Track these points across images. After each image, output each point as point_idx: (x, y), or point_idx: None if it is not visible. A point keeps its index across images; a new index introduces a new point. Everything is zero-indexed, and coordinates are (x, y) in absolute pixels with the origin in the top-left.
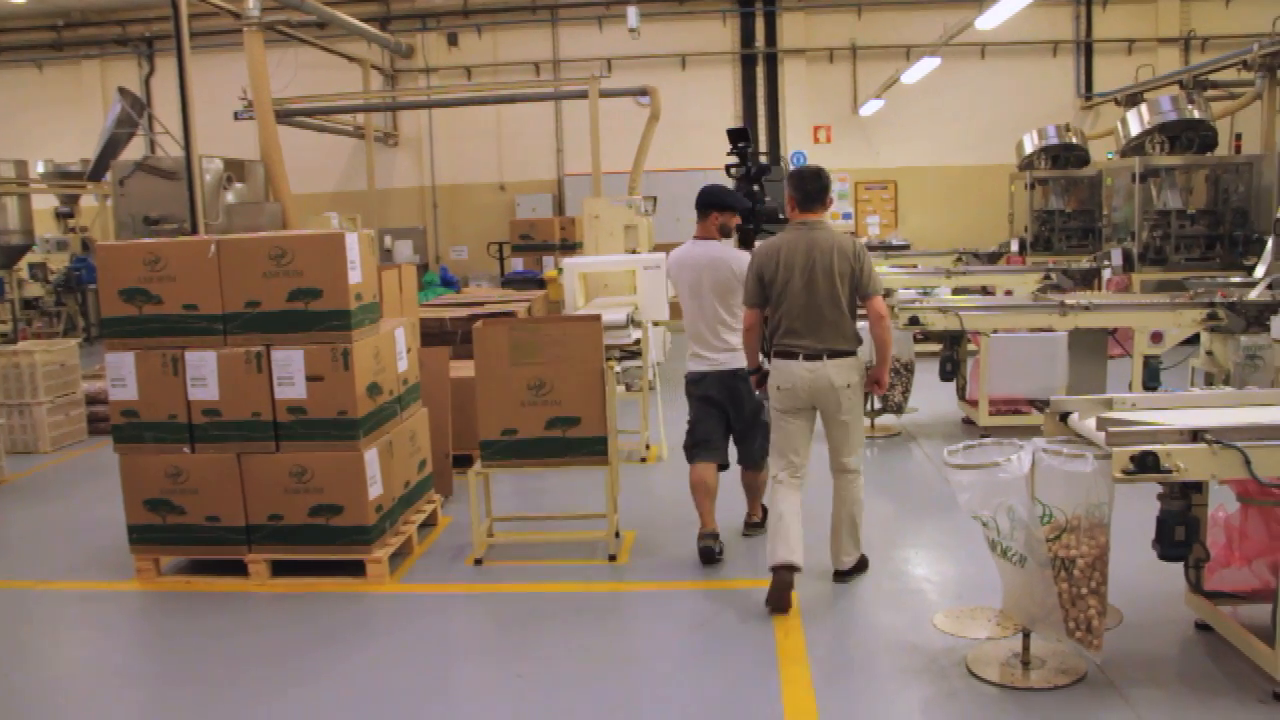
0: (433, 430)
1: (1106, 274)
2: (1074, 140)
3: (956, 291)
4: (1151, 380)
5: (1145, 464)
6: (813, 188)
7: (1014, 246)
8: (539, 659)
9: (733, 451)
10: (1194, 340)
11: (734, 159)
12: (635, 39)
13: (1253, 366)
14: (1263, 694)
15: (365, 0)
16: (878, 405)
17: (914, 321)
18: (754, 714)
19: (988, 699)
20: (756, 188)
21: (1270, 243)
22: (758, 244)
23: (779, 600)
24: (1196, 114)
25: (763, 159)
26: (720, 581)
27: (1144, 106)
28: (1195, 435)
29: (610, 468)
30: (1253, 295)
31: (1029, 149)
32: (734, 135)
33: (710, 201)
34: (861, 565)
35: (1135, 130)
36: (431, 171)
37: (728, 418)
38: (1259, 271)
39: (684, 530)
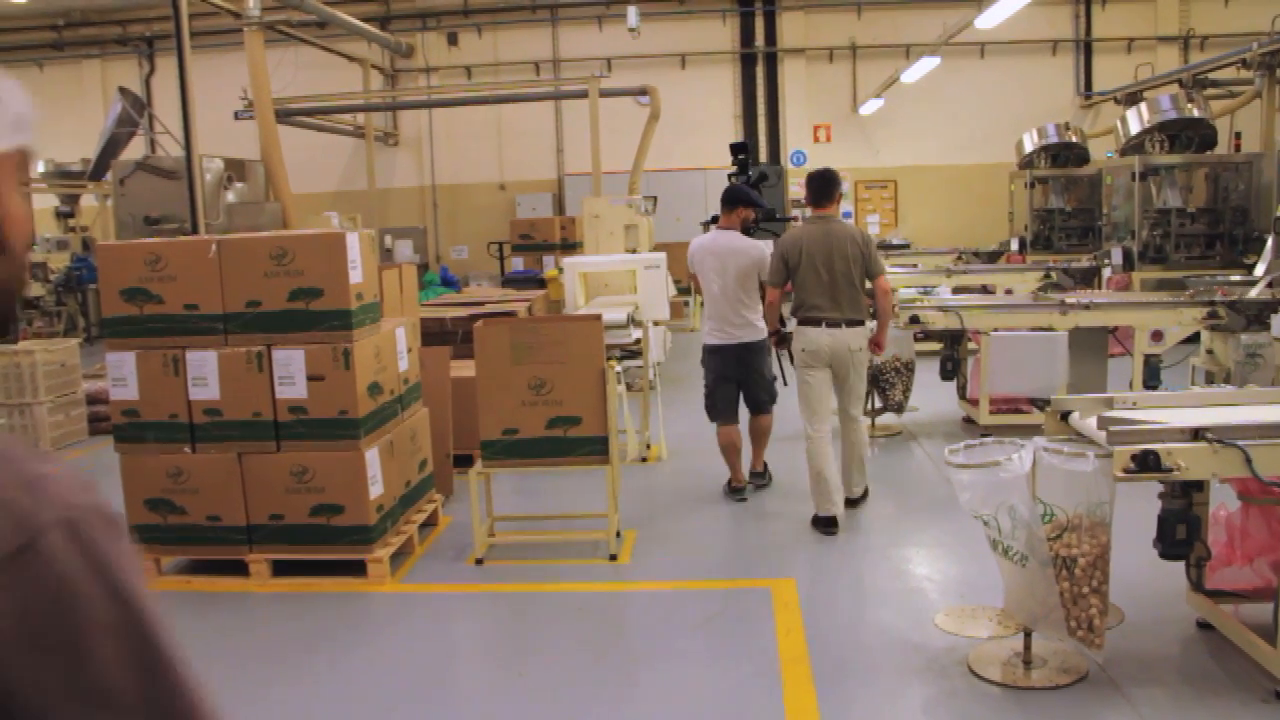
0: (433, 430)
1: (1107, 273)
2: (1074, 139)
3: (957, 290)
4: (1152, 379)
5: (1146, 463)
6: (818, 186)
7: (1014, 245)
8: (540, 658)
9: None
10: (1194, 339)
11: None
12: (635, 38)
13: (1253, 365)
14: (1265, 693)
15: (365, 0)
16: (879, 404)
17: (914, 320)
18: (755, 713)
19: (989, 698)
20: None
21: (1270, 241)
22: (782, 234)
23: (826, 531)
24: (1196, 112)
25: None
26: (721, 581)
27: (1144, 105)
28: (1196, 434)
29: (611, 467)
30: (1253, 294)
31: (1029, 148)
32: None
33: (739, 198)
34: (863, 494)
35: (1135, 129)
36: (432, 171)
37: (738, 384)
38: (1259, 270)
39: (686, 529)
